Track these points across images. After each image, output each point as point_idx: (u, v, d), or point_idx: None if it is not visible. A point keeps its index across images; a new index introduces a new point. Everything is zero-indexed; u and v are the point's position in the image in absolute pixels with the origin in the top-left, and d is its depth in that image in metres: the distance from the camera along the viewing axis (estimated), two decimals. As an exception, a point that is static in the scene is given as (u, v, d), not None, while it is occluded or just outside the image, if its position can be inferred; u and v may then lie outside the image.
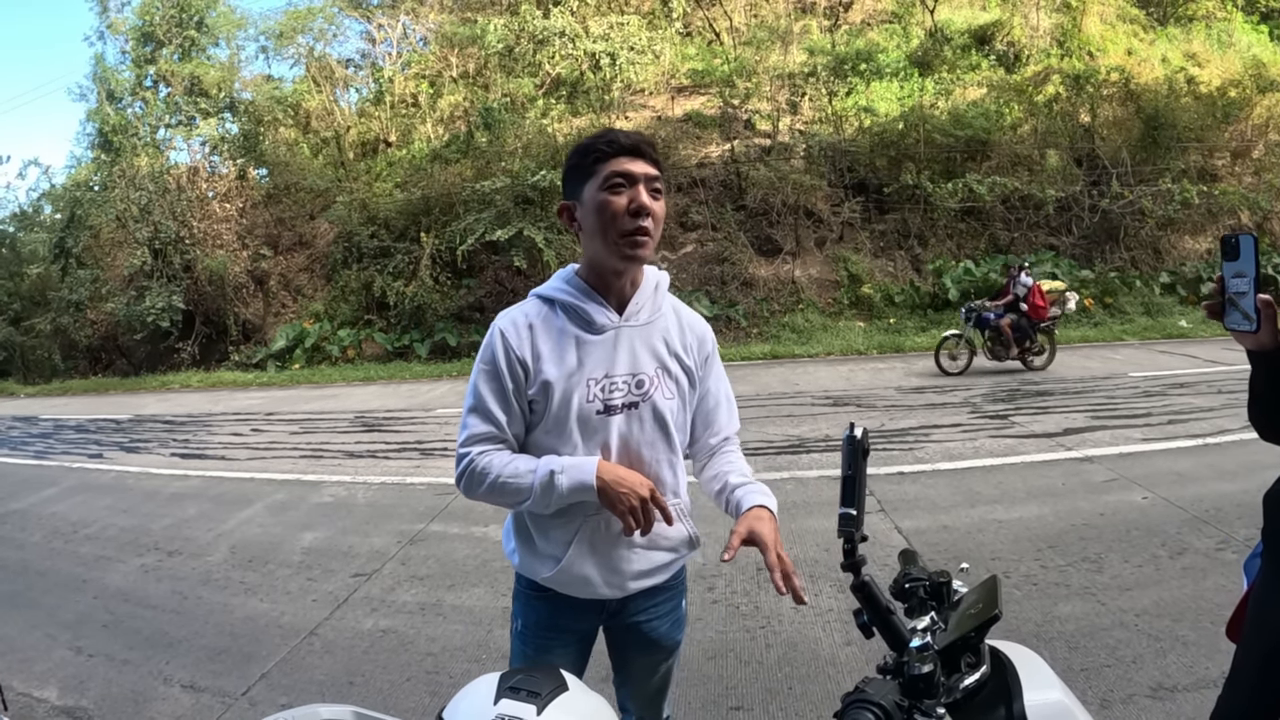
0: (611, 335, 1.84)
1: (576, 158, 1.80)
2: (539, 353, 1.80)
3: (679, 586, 2.09)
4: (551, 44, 20.85)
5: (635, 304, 1.88)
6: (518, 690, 1.22)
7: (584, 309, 1.83)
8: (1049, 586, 4.30)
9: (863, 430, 1.40)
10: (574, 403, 1.79)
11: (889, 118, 19.45)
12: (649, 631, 2.02)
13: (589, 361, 1.81)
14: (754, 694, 3.44)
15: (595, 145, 1.77)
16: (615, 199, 1.74)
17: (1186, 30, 21.30)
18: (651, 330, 1.89)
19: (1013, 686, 1.25)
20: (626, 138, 1.77)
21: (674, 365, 1.91)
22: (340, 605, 4.68)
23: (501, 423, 1.83)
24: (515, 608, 2.04)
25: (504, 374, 1.80)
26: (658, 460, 1.89)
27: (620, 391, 1.83)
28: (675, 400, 1.91)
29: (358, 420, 11.33)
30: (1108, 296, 16.25)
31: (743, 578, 4.63)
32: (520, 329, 1.82)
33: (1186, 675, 3.27)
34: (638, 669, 2.13)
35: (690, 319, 2.00)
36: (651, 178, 1.77)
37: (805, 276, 17.77)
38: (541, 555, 1.89)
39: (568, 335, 1.82)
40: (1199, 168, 18.48)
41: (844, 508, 1.39)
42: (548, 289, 1.90)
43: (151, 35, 24.84)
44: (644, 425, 1.86)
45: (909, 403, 9.65)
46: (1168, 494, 5.66)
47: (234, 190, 22.16)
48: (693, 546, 2.01)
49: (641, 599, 1.98)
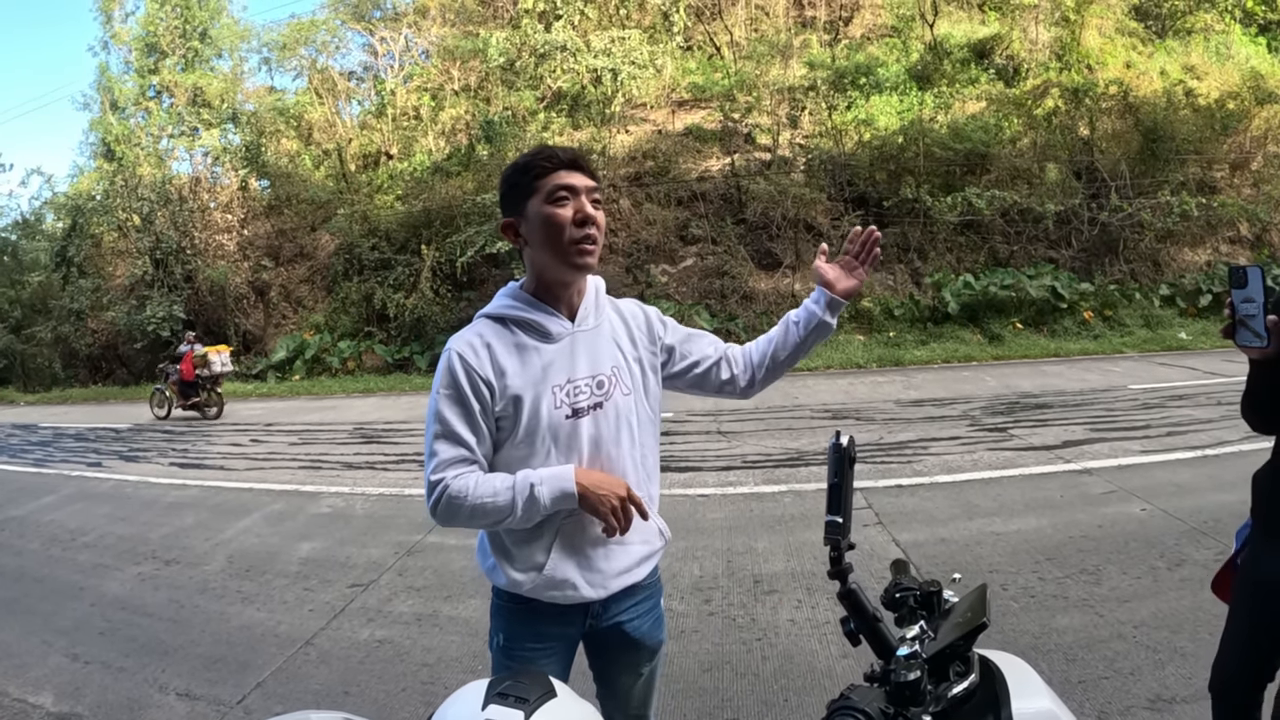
0: (568, 341, 1.88)
1: (516, 175, 1.86)
2: (501, 368, 1.82)
3: (656, 585, 2.12)
4: (553, 58, 20.89)
5: (584, 310, 1.94)
6: (506, 696, 1.22)
7: (536, 320, 1.87)
8: (1047, 599, 4.29)
9: (849, 439, 1.41)
10: (543, 411, 1.82)
11: (889, 131, 19.47)
12: (631, 631, 2.03)
13: (551, 369, 1.85)
14: (750, 706, 3.43)
15: (535, 162, 1.83)
16: (561, 210, 1.79)
17: (1185, 43, 21.34)
18: (601, 332, 1.95)
19: (1001, 695, 1.24)
20: (564, 152, 1.84)
21: (627, 361, 1.97)
22: (337, 615, 4.68)
23: (471, 444, 1.82)
24: (495, 624, 2.03)
25: (469, 396, 1.80)
26: (622, 455, 1.92)
27: (584, 394, 1.87)
28: (633, 395, 1.96)
29: (357, 432, 11.33)
30: (1107, 309, 16.25)
31: (739, 590, 4.63)
32: (478, 349, 1.84)
33: (1185, 687, 3.25)
34: (621, 673, 2.13)
35: (627, 310, 2.07)
36: (591, 189, 1.84)
37: (805, 290, 17.73)
38: (522, 566, 1.89)
39: (526, 348, 1.86)
40: (1198, 180, 18.48)
41: (830, 515, 1.40)
42: (495, 308, 1.94)
43: (155, 46, 24.91)
44: (609, 424, 1.90)
45: (907, 416, 9.64)
46: (1166, 506, 5.66)
47: (236, 201, 22.22)
48: (663, 538, 2.05)
49: (623, 598, 2.00)
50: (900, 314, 16.91)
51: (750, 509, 6.20)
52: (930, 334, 16.36)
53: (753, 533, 5.63)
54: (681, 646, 3.96)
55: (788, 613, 4.31)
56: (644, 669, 2.14)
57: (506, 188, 1.89)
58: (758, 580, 4.77)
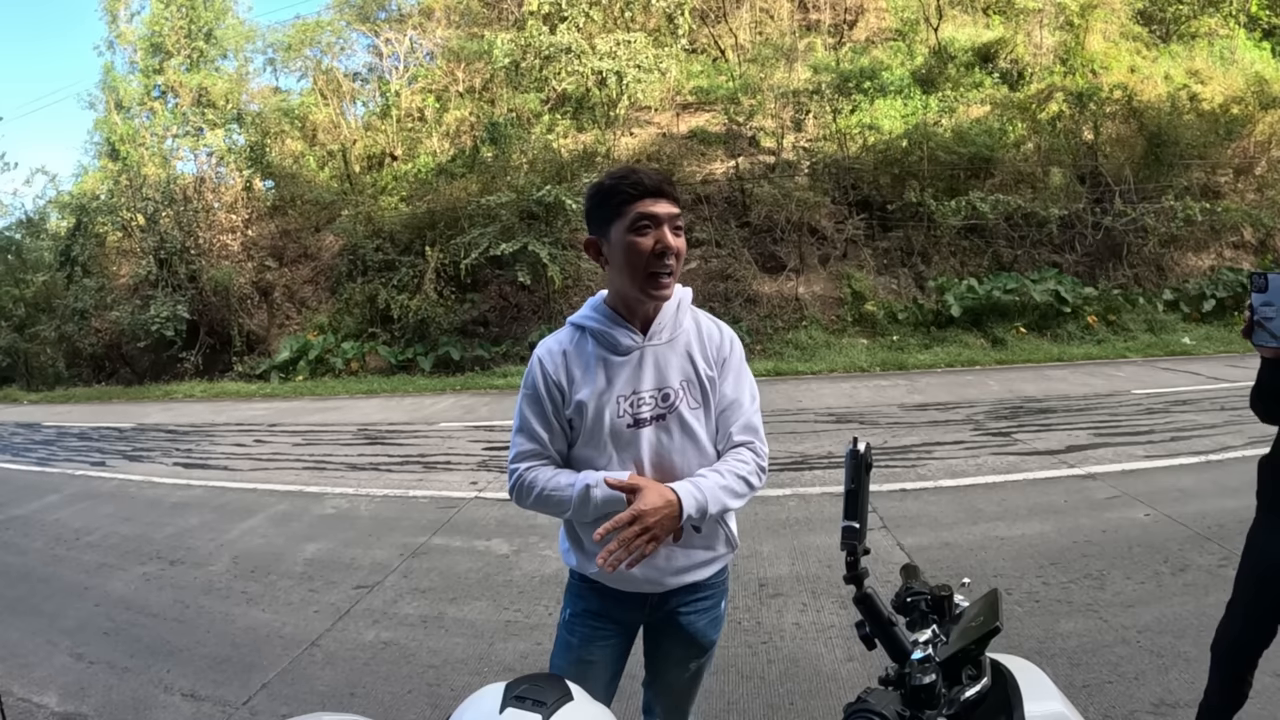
0: (636, 355, 2.00)
1: (601, 197, 1.95)
2: (572, 376, 2.00)
3: (720, 586, 2.22)
4: (558, 60, 20.88)
5: (658, 324, 2.04)
6: (523, 699, 1.23)
7: (610, 334, 2.00)
8: (1051, 603, 4.30)
9: (865, 445, 1.42)
10: (606, 419, 1.97)
11: (893, 135, 19.46)
12: (687, 626, 2.15)
13: (617, 381, 1.98)
14: (755, 709, 3.44)
15: (620, 187, 1.91)
16: (642, 240, 1.89)
17: (1189, 47, 21.30)
18: (674, 347, 2.05)
19: (1013, 698, 1.25)
20: (650, 179, 1.90)
21: (696, 377, 2.05)
22: (342, 617, 4.69)
23: (544, 440, 2.02)
24: (566, 599, 2.21)
25: (544, 397, 2.00)
26: (689, 468, 2.01)
27: (648, 405, 1.99)
28: (700, 409, 2.05)
29: (361, 433, 11.33)
30: (1111, 314, 16.23)
31: (745, 593, 4.63)
32: (555, 356, 2.03)
33: (1189, 692, 3.26)
34: (671, 665, 2.26)
35: (708, 329, 2.15)
36: (674, 216, 1.92)
37: (809, 293, 17.77)
38: (589, 553, 2.04)
39: (596, 359, 2.00)
40: (1202, 185, 18.43)
41: (847, 521, 1.42)
42: (580, 317, 2.08)
43: (160, 46, 24.92)
44: (673, 436, 2.01)
45: (912, 420, 9.64)
46: (1170, 511, 5.67)
47: (240, 201, 22.20)
48: (731, 547, 2.15)
49: (683, 594, 2.12)
50: (904, 318, 16.89)
51: (754, 513, 6.20)
52: (934, 338, 16.34)
53: (757, 536, 5.63)
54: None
55: (793, 616, 4.31)
56: (693, 665, 2.26)
57: (591, 206, 1.98)
58: (763, 584, 4.78)
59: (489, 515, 6.68)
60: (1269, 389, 2.43)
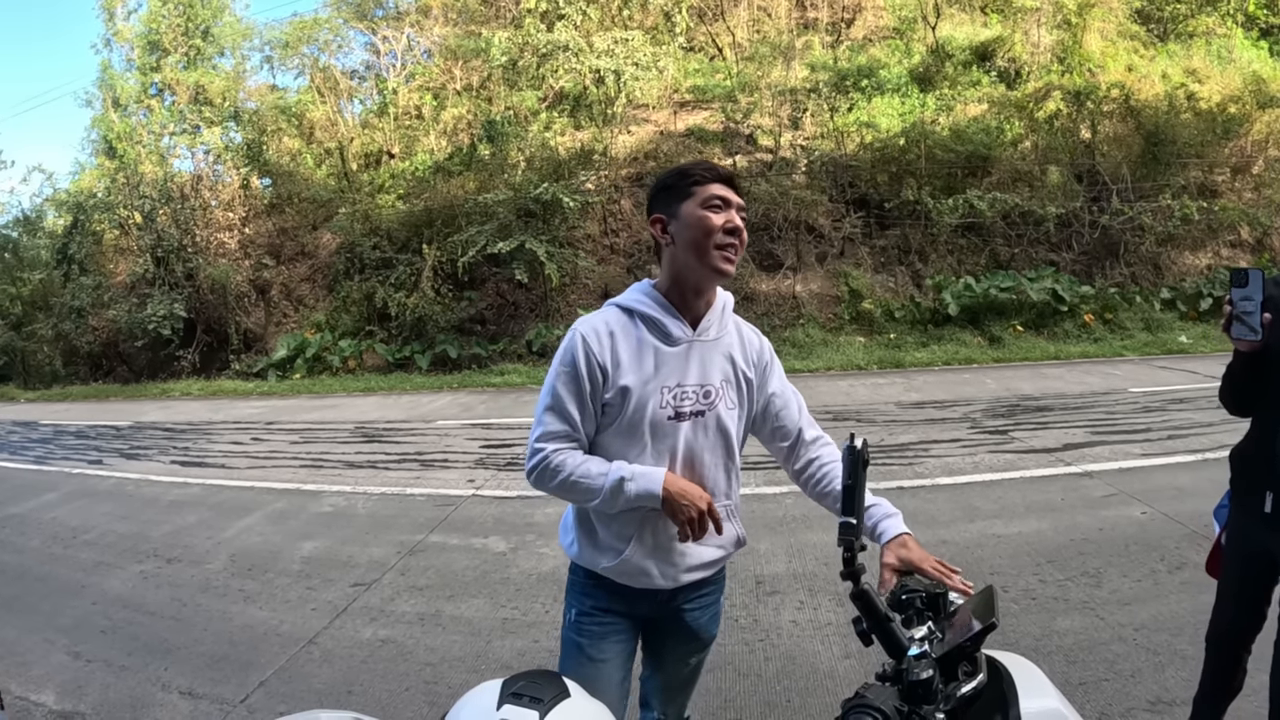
0: (685, 348, 2.00)
1: (675, 178, 2.00)
2: (619, 359, 1.95)
3: (721, 581, 2.26)
4: (555, 58, 20.84)
5: (707, 321, 2.04)
6: (520, 696, 1.24)
7: (662, 321, 1.98)
8: (1048, 601, 4.31)
9: (863, 442, 1.43)
10: (649, 408, 1.95)
11: (890, 133, 19.43)
12: (691, 622, 2.17)
13: (664, 370, 1.97)
14: (752, 707, 3.45)
15: (695, 170, 1.97)
16: (715, 216, 1.93)
17: (1187, 46, 21.29)
18: (719, 346, 2.05)
19: (1009, 695, 1.26)
20: (723, 169, 1.99)
21: (737, 379, 2.07)
22: (339, 614, 4.69)
23: (576, 422, 1.97)
24: (569, 600, 2.18)
25: (583, 377, 1.94)
26: (717, 465, 2.05)
27: (690, 400, 1.99)
28: (736, 410, 2.07)
29: (358, 431, 11.33)
30: (1108, 312, 16.24)
31: (741, 591, 4.64)
32: (602, 336, 1.97)
33: (1185, 689, 3.26)
34: (671, 660, 2.27)
35: (749, 334, 2.17)
36: (740, 207, 1.98)
37: (806, 292, 17.78)
38: (603, 547, 2.04)
39: (646, 345, 1.98)
40: (1199, 184, 18.45)
41: (844, 517, 1.41)
42: (627, 300, 2.06)
43: (157, 44, 24.83)
44: (708, 433, 2.02)
45: (909, 418, 9.65)
46: (1167, 509, 5.68)
47: (237, 199, 22.17)
48: (739, 545, 2.17)
49: (689, 590, 2.13)
50: (901, 316, 16.90)
51: (752, 510, 6.20)
52: (931, 336, 16.35)
53: (754, 534, 5.63)
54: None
55: (790, 614, 4.32)
56: (693, 659, 2.29)
57: (661, 188, 2.01)
58: (760, 581, 4.78)
59: (486, 513, 6.68)
60: (1240, 380, 2.53)
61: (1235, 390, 2.58)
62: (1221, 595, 2.77)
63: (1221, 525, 2.80)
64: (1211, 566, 2.85)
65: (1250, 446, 2.61)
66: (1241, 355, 2.46)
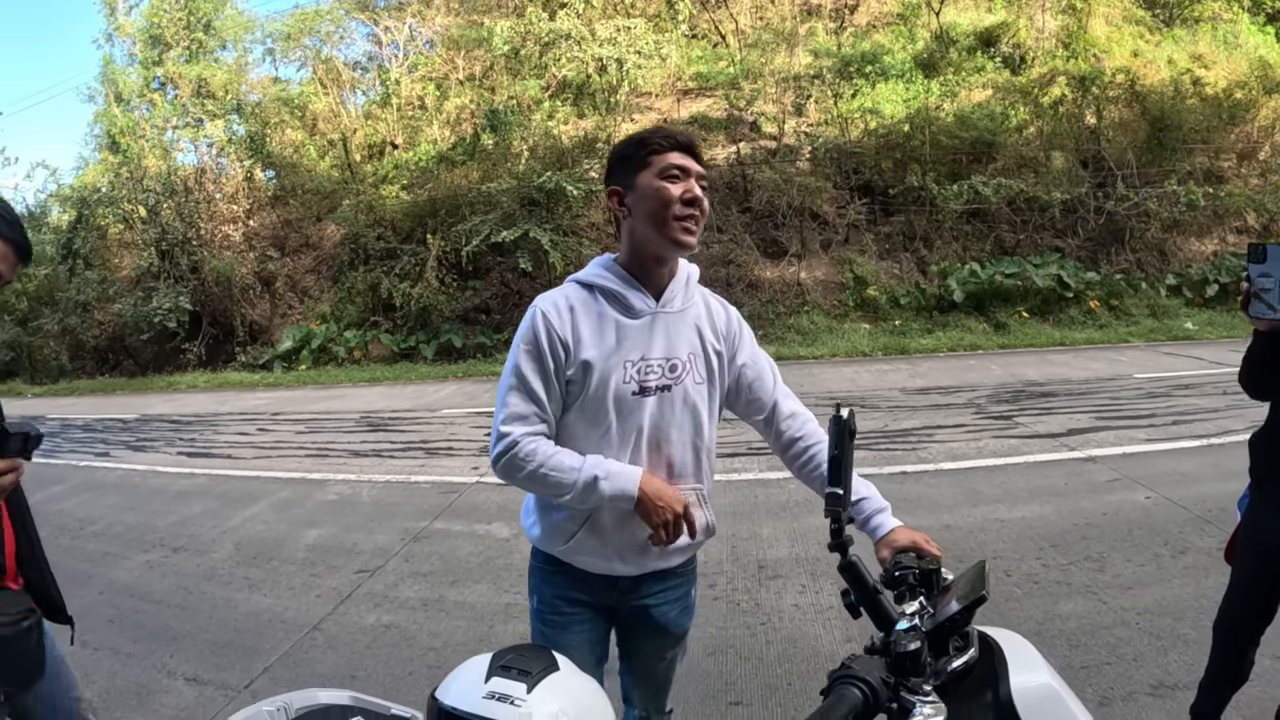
0: (648, 320, 1.93)
1: (630, 148, 1.92)
2: (579, 334, 1.88)
3: (690, 574, 2.17)
4: (558, 47, 20.81)
5: (670, 292, 1.98)
6: (509, 669, 1.24)
7: (623, 294, 1.92)
8: (1050, 585, 4.31)
9: (849, 412, 1.40)
10: (611, 383, 1.87)
11: (894, 120, 19.38)
12: (659, 616, 2.09)
13: (626, 344, 1.90)
14: (753, 690, 3.45)
15: (652, 139, 1.89)
16: (673, 187, 1.85)
17: (1193, 32, 21.17)
18: (685, 317, 1.98)
19: (1000, 669, 1.25)
20: (681, 136, 1.90)
21: (705, 351, 2.00)
22: (343, 601, 4.71)
23: (543, 401, 1.89)
24: (531, 584, 2.12)
25: (546, 353, 1.87)
26: (684, 443, 1.97)
27: (655, 374, 1.91)
28: (705, 385, 2.00)
29: (363, 420, 11.35)
30: (1113, 299, 16.18)
31: (744, 575, 4.65)
32: (562, 311, 1.91)
33: (1188, 674, 3.27)
34: (645, 655, 2.19)
35: (716, 306, 2.11)
36: (700, 175, 1.90)
37: (810, 279, 17.74)
38: (559, 528, 1.97)
39: (607, 319, 1.91)
40: (1205, 170, 18.34)
41: (831, 488, 1.40)
42: (587, 275, 1.99)
43: (159, 38, 24.82)
44: (674, 408, 1.94)
45: (913, 404, 9.64)
46: (1171, 494, 5.66)
47: (241, 192, 22.20)
48: (709, 533, 2.08)
49: (653, 581, 2.05)
50: (906, 303, 16.86)
51: (754, 495, 6.21)
52: (936, 323, 16.32)
53: (757, 519, 5.65)
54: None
55: (791, 598, 4.33)
56: (668, 654, 2.20)
57: (617, 159, 1.94)
58: (762, 565, 4.79)
59: (490, 500, 6.70)
60: (1260, 362, 2.44)
61: (1255, 373, 2.49)
62: (1233, 585, 2.70)
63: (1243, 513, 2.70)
64: (1230, 554, 2.76)
65: (1270, 432, 2.53)
66: (1261, 336, 2.38)
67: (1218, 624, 2.76)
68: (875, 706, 1.14)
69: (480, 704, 1.20)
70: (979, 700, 1.23)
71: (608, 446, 1.90)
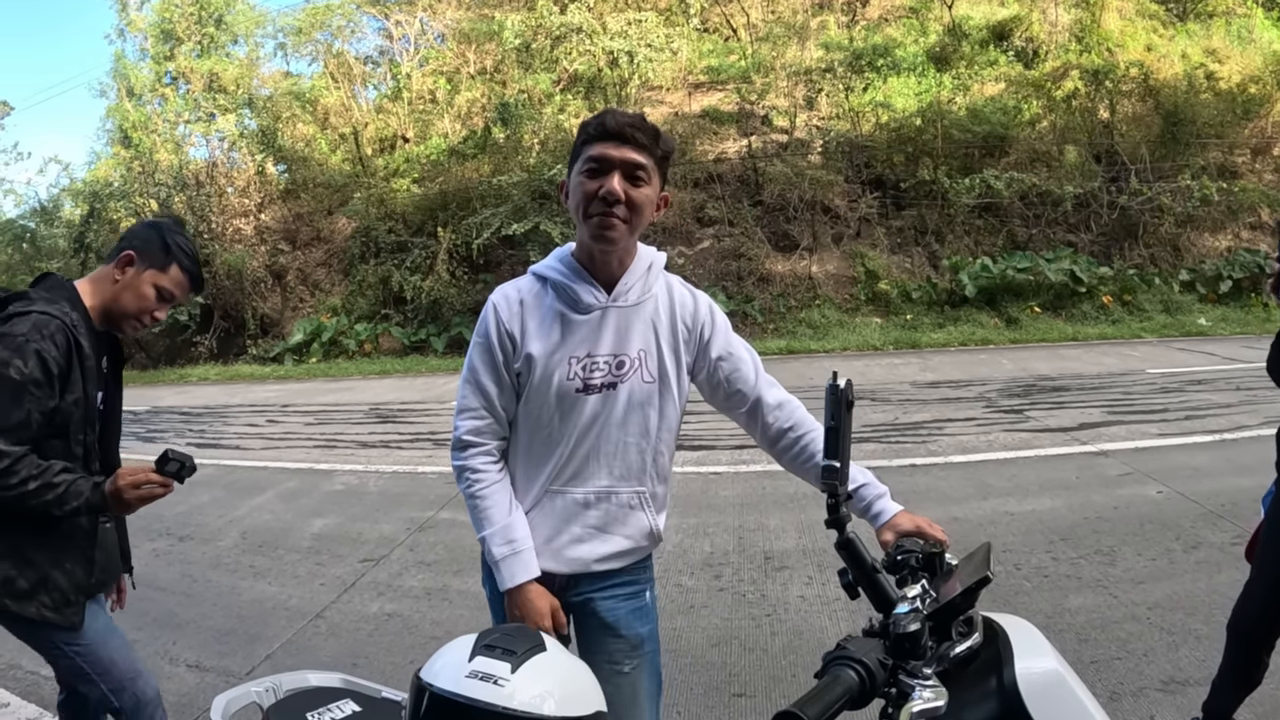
0: (598, 315, 1.85)
1: (578, 135, 1.81)
2: (526, 328, 1.84)
3: (642, 578, 2.03)
4: (569, 40, 20.80)
5: (624, 284, 1.87)
6: (493, 649, 1.22)
7: (572, 288, 1.84)
8: (1060, 578, 4.27)
9: (846, 381, 1.35)
10: (554, 379, 1.82)
11: (906, 113, 19.31)
12: (605, 613, 1.96)
13: (572, 340, 1.83)
14: (757, 681, 3.43)
15: (587, 126, 1.78)
16: (588, 183, 1.75)
17: (1206, 26, 21.03)
18: (640, 311, 1.89)
19: (1004, 655, 1.21)
20: (614, 120, 1.74)
21: (659, 348, 1.90)
22: (347, 589, 4.71)
23: (492, 396, 1.87)
24: (483, 574, 2.03)
25: (495, 346, 1.85)
26: (628, 445, 1.89)
27: (601, 371, 1.84)
28: (655, 384, 1.89)
29: (372, 412, 11.36)
30: (1126, 294, 16.10)
31: (750, 566, 4.62)
32: (512, 303, 1.87)
33: (1199, 669, 3.23)
34: (602, 664, 1.96)
35: (682, 294, 1.97)
36: (633, 164, 1.74)
37: (822, 272, 17.69)
38: None
39: (554, 313, 1.85)
40: (1219, 164, 18.23)
41: (827, 460, 1.33)
42: (542, 266, 1.92)
43: (171, 33, 24.90)
44: (617, 407, 1.86)
45: (923, 397, 9.60)
46: (1183, 488, 5.62)
47: (253, 185, 22.24)
48: (653, 540, 1.99)
49: (595, 580, 1.95)
50: (917, 297, 16.81)
51: (762, 487, 6.19)
52: (947, 317, 16.26)
53: (764, 510, 5.62)
54: (690, 621, 3.96)
55: (798, 589, 4.30)
56: (625, 665, 1.98)
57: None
58: (768, 557, 4.76)
59: (497, 492, 6.67)
60: None
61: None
62: (1252, 583, 2.60)
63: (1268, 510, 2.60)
64: (1250, 552, 2.67)
65: None
66: None
67: (1233, 624, 2.67)
68: (871, 690, 1.09)
69: (463, 683, 1.18)
70: (983, 686, 1.19)
71: (548, 444, 1.86)
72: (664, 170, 1.84)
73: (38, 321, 2.02)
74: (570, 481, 1.87)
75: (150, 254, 2.24)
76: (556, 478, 1.87)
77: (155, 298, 2.28)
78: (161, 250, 2.25)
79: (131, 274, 2.25)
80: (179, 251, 2.27)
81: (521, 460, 1.92)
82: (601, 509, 1.88)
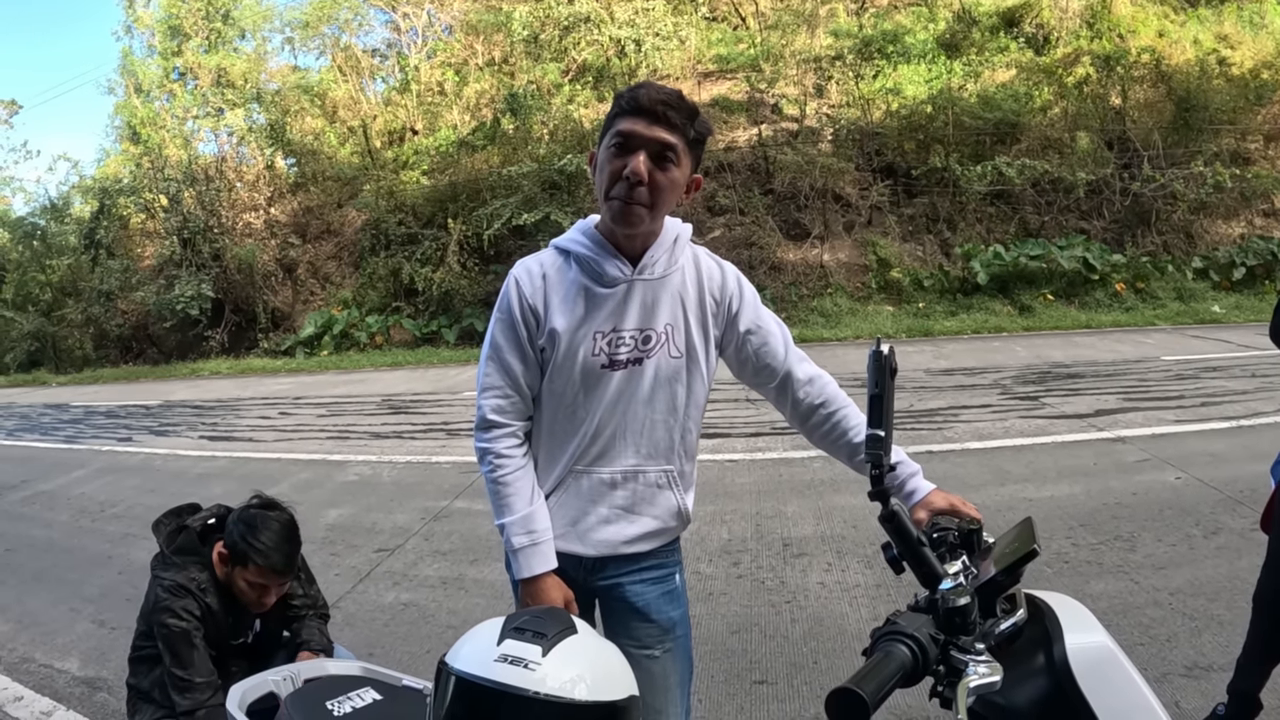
0: (623, 289, 1.79)
1: (612, 105, 1.74)
2: (550, 302, 1.78)
3: (668, 561, 1.98)
4: (577, 30, 20.79)
5: (650, 256, 1.80)
6: (523, 631, 1.18)
7: (597, 261, 1.78)
8: (1081, 564, 4.23)
9: (889, 348, 1.31)
10: (579, 355, 1.77)
11: (917, 101, 19.20)
12: (634, 597, 1.92)
13: (598, 314, 1.77)
14: (778, 668, 3.40)
15: (620, 98, 1.70)
16: (614, 161, 1.68)
17: (1218, 12, 20.86)
18: (667, 284, 1.82)
19: (1052, 631, 1.18)
20: (648, 96, 1.66)
21: (686, 322, 1.84)
22: (362, 579, 4.69)
23: (516, 373, 1.81)
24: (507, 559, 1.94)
25: (519, 322, 1.79)
26: (654, 422, 1.83)
27: (627, 346, 1.79)
28: (682, 359, 1.83)
29: (385, 403, 11.36)
30: (1139, 281, 15.98)
31: (769, 553, 4.59)
32: (534, 277, 1.81)
33: (1222, 655, 3.19)
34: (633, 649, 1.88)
35: (709, 268, 1.89)
36: (663, 144, 1.66)
37: (833, 260, 17.63)
38: None
39: (579, 287, 1.79)
40: (1231, 151, 18.07)
41: (871, 429, 1.29)
42: (564, 240, 1.87)
43: (178, 29, 25.04)
44: (643, 383, 1.80)
45: (938, 384, 9.55)
46: (1201, 474, 5.56)
47: (262, 179, 22.31)
48: (683, 521, 1.94)
49: (622, 563, 1.90)
50: (929, 285, 16.72)
51: (779, 474, 6.16)
52: (960, 305, 16.18)
53: (782, 497, 5.59)
54: (710, 609, 3.94)
55: (817, 575, 4.26)
56: (657, 650, 1.94)
57: None
58: (787, 543, 4.73)
59: (511, 481, 6.66)
60: None
61: None
62: (1272, 554, 2.58)
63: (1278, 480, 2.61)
64: (1266, 523, 2.65)
65: None
66: None
67: (1257, 595, 2.66)
68: (924, 666, 1.06)
69: (492, 667, 1.14)
70: (1030, 664, 1.16)
71: (572, 423, 1.81)
72: (698, 153, 1.77)
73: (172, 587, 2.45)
74: (596, 461, 1.82)
75: (235, 553, 2.50)
76: (581, 457, 1.81)
77: (249, 588, 2.52)
78: (240, 552, 2.48)
79: (226, 569, 2.55)
80: (254, 552, 2.46)
81: (545, 439, 1.86)
82: (629, 489, 1.83)
